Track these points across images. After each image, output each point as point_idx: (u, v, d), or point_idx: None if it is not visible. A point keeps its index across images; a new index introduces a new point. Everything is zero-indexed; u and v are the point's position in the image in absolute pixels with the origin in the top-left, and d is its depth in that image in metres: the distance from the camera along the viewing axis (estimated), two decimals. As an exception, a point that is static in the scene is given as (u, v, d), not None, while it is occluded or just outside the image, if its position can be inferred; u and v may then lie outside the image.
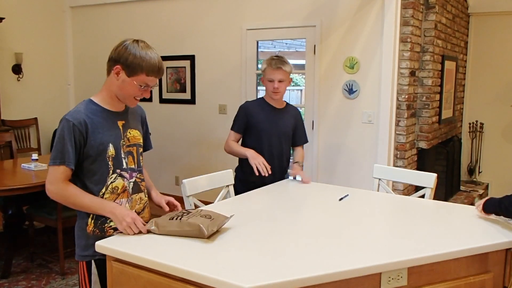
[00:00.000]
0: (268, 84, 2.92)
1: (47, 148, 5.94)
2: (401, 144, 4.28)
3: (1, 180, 3.58)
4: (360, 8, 4.25)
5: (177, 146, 5.35)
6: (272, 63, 2.88)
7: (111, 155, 1.88)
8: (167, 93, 5.47)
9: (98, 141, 1.85)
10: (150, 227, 1.81)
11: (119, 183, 1.91)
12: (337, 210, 2.30)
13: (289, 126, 3.06)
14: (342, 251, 1.70)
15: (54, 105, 6.06)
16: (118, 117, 1.95)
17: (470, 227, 2.02)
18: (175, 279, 1.54)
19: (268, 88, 2.94)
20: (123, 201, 1.92)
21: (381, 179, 2.92)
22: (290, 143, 3.10)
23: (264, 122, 2.96)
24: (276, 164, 2.97)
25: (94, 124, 1.85)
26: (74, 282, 3.44)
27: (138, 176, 2.00)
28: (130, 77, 1.83)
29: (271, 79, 2.89)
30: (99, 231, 1.89)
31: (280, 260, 1.60)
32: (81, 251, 1.93)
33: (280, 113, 3.02)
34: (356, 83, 4.31)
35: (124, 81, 1.84)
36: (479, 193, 5.55)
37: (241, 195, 2.59)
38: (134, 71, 1.82)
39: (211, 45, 5.10)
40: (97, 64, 5.82)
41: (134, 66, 1.81)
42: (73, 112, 1.86)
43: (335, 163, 4.52)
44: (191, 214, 1.85)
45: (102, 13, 5.84)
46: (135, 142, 2.00)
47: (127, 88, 1.85)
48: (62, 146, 1.80)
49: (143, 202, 2.02)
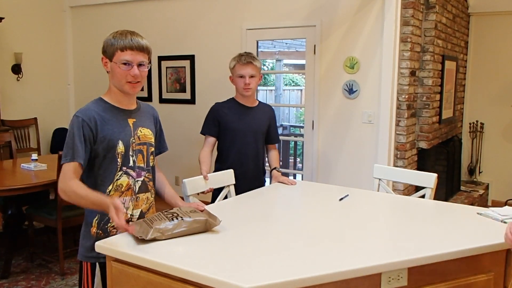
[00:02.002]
0: (239, 81, 2.82)
1: (47, 148, 5.94)
2: (401, 144, 4.28)
3: (1, 180, 3.57)
4: (360, 8, 4.25)
5: (177, 146, 5.34)
6: (241, 58, 2.80)
7: (120, 152, 1.89)
8: (167, 93, 5.47)
9: (108, 137, 1.86)
10: (153, 236, 1.72)
11: (123, 181, 1.91)
12: (337, 210, 2.30)
13: (263, 125, 2.98)
14: (342, 251, 1.70)
15: (54, 105, 6.06)
16: (128, 115, 1.96)
17: (471, 227, 2.02)
18: (175, 279, 1.54)
19: (238, 85, 2.84)
20: (126, 199, 1.92)
21: (381, 179, 2.92)
22: (264, 142, 3.03)
23: (237, 122, 2.89)
24: (251, 164, 2.93)
25: (104, 120, 1.86)
26: (74, 282, 3.43)
27: (147, 175, 2.00)
28: (112, 61, 1.86)
29: (241, 75, 2.80)
30: (102, 232, 1.89)
31: (280, 260, 1.59)
32: (86, 252, 1.92)
33: (252, 111, 2.95)
34: (356, 83, 4.30)
35: (112, 68, 1.88)
36: (479, 193, 5.55)
37: (241, 195, 2.59)
38: (112, 53, 1.86)
39: (211, 45, 5.10)
40: (97, 64, 5.79)
41: (109, 48, 1.86)
42: (83, 109, 1.88)
43: (335, 163, 4.51)
44: (184, 213, 1.84)
45: (102, 13, 5.84)
46: (145, 140, 2.00)
47: (115, 74, 1.87)
48: (72, 142, 1.81)
49: (149, 202, 2.02)
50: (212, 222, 1.84)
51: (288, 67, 10.87)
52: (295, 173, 6.18)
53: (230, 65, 2.88)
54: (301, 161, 5.39)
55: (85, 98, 5.48)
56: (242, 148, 2.90)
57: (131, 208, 1.95)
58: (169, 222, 1.78)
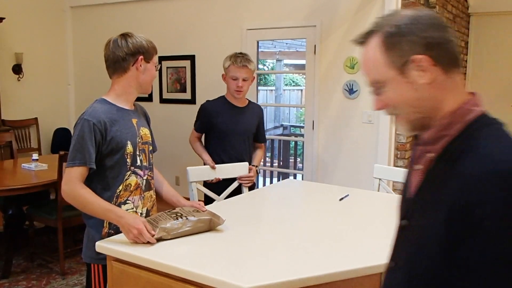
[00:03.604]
0: (231, 82, 2.83)
1: (47, 148, 5.95)
2: (402, 144, 4.28)
3: (1, 180, 3.58)
4: (360, 8, 4.25)
5: (177, 146, 5.34)
6: (237, 60, 2.79)
7: (129, 152, 1.90)
8: (167, 93, 5.47)
9: (117, 138, 1.86)
10: (159, 236, 1.73)
11: (132, 180, 1.93)
12: (337, 210, 2.30)
13: (252, 124, 3.00)
14: (342, 251, 1.70)
15: (54, 105, 6.06)
16: (132, 115, 1.98)
17: (470, 227, 2.02)
18: (175, 279, 1.54)
19: (230, 86, 2.85)
20: (135, 198, 1.93)
21: (381, 179, 2.92)
22: (252, 141, 3.05)
23: (226, 123, 2.89)
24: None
25: (113, 122, 1.87)
26: (74, 282, 3.44)
27: (149, 173, 2.02)
28: (149, 62, 1.95)
29: (235, 77, 2.80)
30: (114, 232, 1.89)
31: (280, 260, 1.60)
32: (95, 254, 1.85)
33: (242, 111, 2.96)
34: (356, 83, 4.31)
35: (146, 69, 1.95)
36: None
37: (241, 195, 2.59)
38: (151, 55, 1.96)
39: (211, 45, 5.10)
40: (97, 64, 5.79)
41: (150, 50, 1.96)
42: (91, 111, 1.86)
43: (335, 163, 4.51)
44: (187, 213, 1.85)
45: (102, 13, 5.84)
46: (147, 140, 2.03)
47: (149, 73, 1.97)
48: (82, 147, 1.80)
49: (152, 200, 2.04)
50: (216, 221, 1.85)
51: (288, 67, 10.87)
52: (295, 173, 6.19)
53: (224, 63, 2.87)
54: (302, 161, 5.40)
55: (85, 98, 5.49)
56: (231, 147, 2.92)
57: (140, 206, 1.96)
58: (174, 221, 1.79)
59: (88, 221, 1.95)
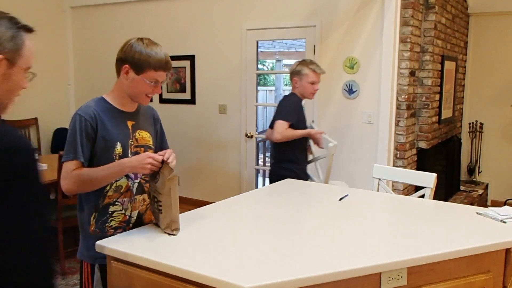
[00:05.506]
0: (309, 87, 3.27)
1: (47, 148, 5.95)
2: (401, 144, 4.28)
3: (1, 180, 3.57)
4: (360, 8, 4.25)
5: (177, 146, 5.34)
6: (317, 69, 3.24)
7: (118, 153, 1.89)
8: (167, 93, 5.47)
9: (106, 138, 1.86)
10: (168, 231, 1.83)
11: (123, 182, 1.92)
12: (337, 210, 2.30)
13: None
14: (342, 251, 1.70)
15: (54, 105, 6.06)
16: (128, 117, 1.96)
17: (470, 227, 2.02)
18: (175, 279, 1.54)
19: (308, 89, 3.28)
20: (125, 200, 1.93)
21: (381, 179, 2.92)
22: None
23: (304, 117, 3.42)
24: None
25: (103, 121, 1.87)
26: (75, 282, 3.44)
27: (143, 177, 2.00)
28: (139, 74, 1.85)
29: (314, 82, 3.26)
30: (99, 231, 1.90)
31: (280, 260, 1.60)
32: (84, 250, 1.93)
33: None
34: (356, 83, 4.31)
35: (134, 80, 1.87)
36: (479, 193, 5.55)
37: (240, 195, 2.60)
38: (142, 68, 1.84)
39: (211, 45, 5.11)
40: (97, 64, 5.83)
41: (142, 63, 1.84)
42: (84, 107, 1.88)
43: (335, 163, 4.51)
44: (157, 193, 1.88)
45: (102, 13, 5.84)
46: (143, 143, 2.00)
47: (137, 86, 1.87)
48: (75, 141, 1.82)
49: (145, 204, 2.02)
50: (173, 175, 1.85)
51: (288, 67, 10.87)
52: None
53: (302, 70, 3.25)
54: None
55: (85, 98, 5.45)
56: (306, 141, 3.44)
57: (129, 209, 1.95)
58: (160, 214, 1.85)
59: (78, 218, 1.96)
